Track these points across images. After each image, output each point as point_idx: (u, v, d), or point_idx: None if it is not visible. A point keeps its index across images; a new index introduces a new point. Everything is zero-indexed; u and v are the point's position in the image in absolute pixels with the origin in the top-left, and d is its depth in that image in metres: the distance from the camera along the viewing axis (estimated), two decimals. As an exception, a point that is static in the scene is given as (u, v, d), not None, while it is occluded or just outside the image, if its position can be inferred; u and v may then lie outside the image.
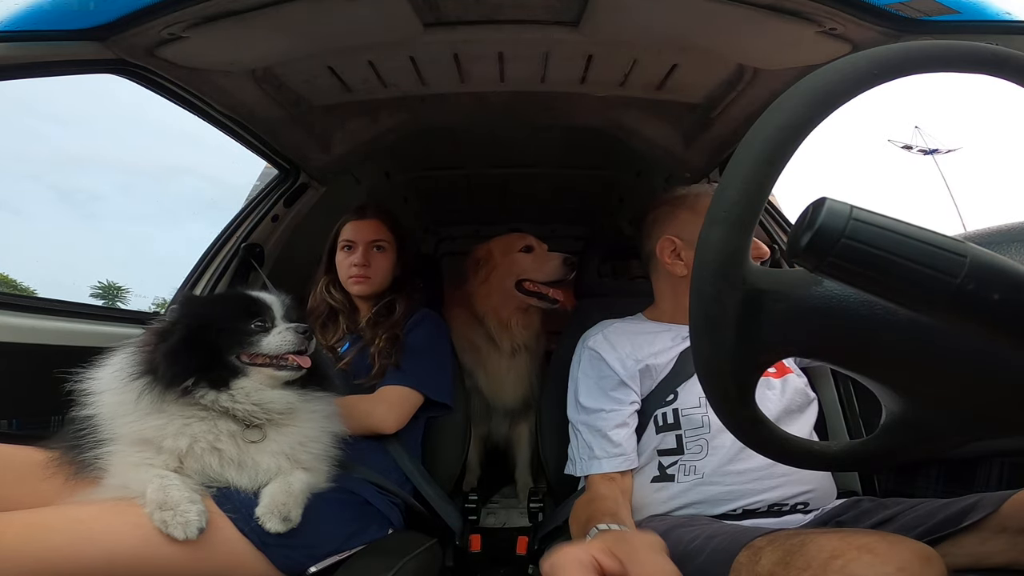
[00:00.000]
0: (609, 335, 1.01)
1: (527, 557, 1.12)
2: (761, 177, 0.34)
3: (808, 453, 0.43)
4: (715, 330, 0.37)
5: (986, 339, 0.31)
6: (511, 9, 0.93)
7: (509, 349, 1.43)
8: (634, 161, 1.71)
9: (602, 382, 0.96)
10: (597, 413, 0.94)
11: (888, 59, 0.34)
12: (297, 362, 0.81)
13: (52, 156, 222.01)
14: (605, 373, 0.97)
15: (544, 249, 1.44)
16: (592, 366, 0.99)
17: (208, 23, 0.87)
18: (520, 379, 1.47)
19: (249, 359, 0.80)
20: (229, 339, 0.80)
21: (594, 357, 0.99)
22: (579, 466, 0.94)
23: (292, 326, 0.82)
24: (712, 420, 0.89)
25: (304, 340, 0.82)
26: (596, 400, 0.95)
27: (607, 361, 0.97)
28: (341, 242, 1.24)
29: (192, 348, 0.77)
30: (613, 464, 0.90)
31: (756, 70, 1.06)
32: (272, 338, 0.81)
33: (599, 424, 0.93)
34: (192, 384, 0.75)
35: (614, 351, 0.98)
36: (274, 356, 0.81)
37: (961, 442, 0.42)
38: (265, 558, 0.75)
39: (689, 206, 1.01)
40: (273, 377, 0.81)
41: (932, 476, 0.97)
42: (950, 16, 0.81)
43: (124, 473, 0.73)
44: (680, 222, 1.00)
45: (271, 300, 0.86)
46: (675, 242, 0.99)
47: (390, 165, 1.80)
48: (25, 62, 0.83)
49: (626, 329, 1.02)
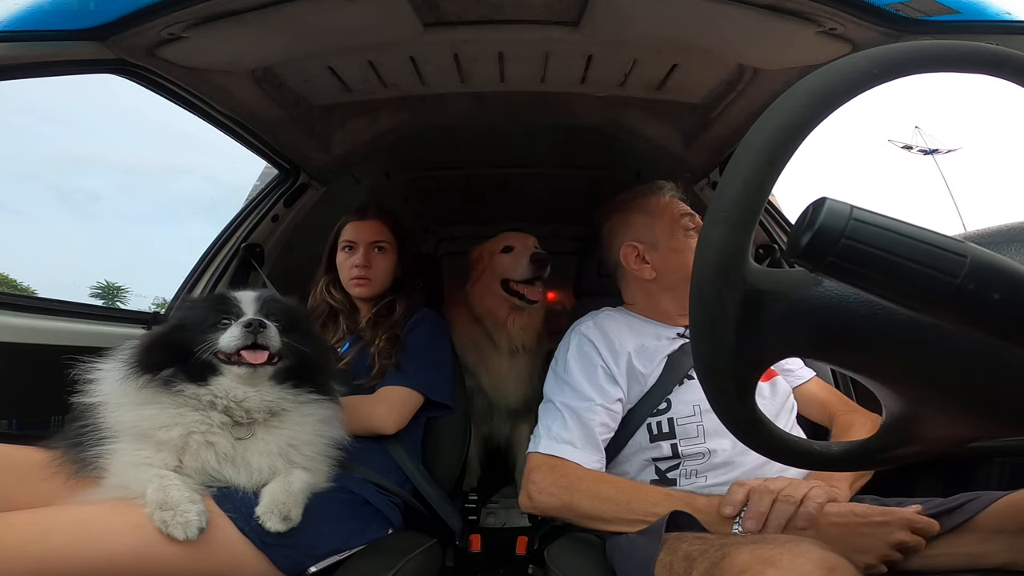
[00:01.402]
0: (600, 322, 1.00)
1: (527, 557, 1.12)
2: (761, 177, 0.34)
3: (808, 453, 0.43)
4: (715, 330, 0.37)
5: (986, 339, 0.31)
6: (511, 9, 0.94)
7: (507, 349, 1.43)
8: (634, 161, 1.70)
9: (592, 370, 0.94)
10: (586, 402, 0.91)
11: (888, 59, 0.34)
12: (247, 358, 0.78)
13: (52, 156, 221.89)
14: (595, 362, 0.95)
15: (527, 247, 1.42)
16: (582, 352, 0.97)
17: (208, 23, 0.87)
18: (522, 379, 1.47)
19: (226, 357, 0.79)
20: (197, 336, 0.80)
21: (584, 342, 0.97)
22: (545, 444, 0.89)
23: (241, 321, 0.80)
24: (707, 427, 0.88)
25: (248, 334, 0.78)
26: (583, 386, 0.92)
27: (598, 349, 0.95)
28: (342, 242, 1.23)
29: (168, 344, 0.80)
30: (585, 458, 0.87)
31: (756, 70, 1.06)
32: (224, 335, 0.79)
33: (585, 416, 0.90)
34: (171, 375, 0.77)
35: (604, 340, 0.96)
36: (229, 353, 0.79)
37: (961, 442, 0.42)
38: (265, 558, 0.75)
39: (640, 208, 1.04)
40: (238, 375, 0.79)
41: (932, 476, 0.97)
42: (950, 16, 0.81)
43: (124, 473, 0.73)
44: (636, 226, 1.03)
45: (244, 297, 0.85)
46: (637, 247, 1.01)
47: (390, 165, 1.80)
48: (25, 62, 0.83)
49: (615, 317, 1.02)
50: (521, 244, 1.43)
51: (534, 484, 0.86)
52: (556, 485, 0.84)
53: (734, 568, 0.51)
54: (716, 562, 0.54)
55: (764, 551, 0.50)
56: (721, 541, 0.58)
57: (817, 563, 0.48)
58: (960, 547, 0.69)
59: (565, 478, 0.84)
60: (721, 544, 0.56)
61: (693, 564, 0.57)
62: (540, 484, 0.86)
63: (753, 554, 0.51)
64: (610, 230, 1.07)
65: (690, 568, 0.57)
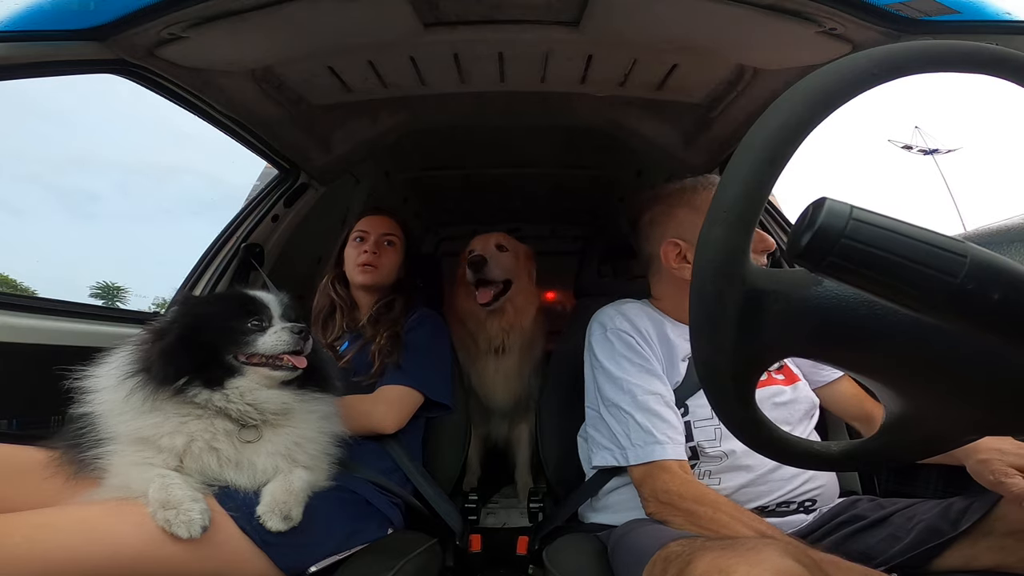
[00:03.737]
0: (627, 314, 0.95)
1: (527, 557, 1.12)
2: (761, 177, 0.34)
3: (808, 453, 0.43)
4: (715, 330, 0.37)
5: (986, 339, 0.31)
6: (511, 9, 0.94)
7: (489, 349, 1.42)
8: (634, 161, 1.71)
9: (640, 361, 0.89)
10: (650, 395, 0.85)
11: (888, 59, 0.34)
12: (292, 362, 0.81)
13: (51, 156, 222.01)
14: (644, 352, 0.90)
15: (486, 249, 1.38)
16: (624, 344, 0.91)
17: (208, 23, 0.87)
18: (509, 379, 1.46)
19: (246, 359, 0.80)
20: (225, 338, 0.79)
21: (622, 334, 0.92)
22: (633, 453, 0.83)
23: (288, 326, 0.82)
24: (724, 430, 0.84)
25: (300, 340, 0.81)
26: (641, 378, 0.87)
27: (637, 341, 0.91)
28: (354, 234, 1.26)
29: (189, 347, 0.77)
30: (679, 452, 0.82)
31: (756, 70, 1.06)
32: (268, 338, 0.80)
33: (653, 405, 0.84)
34: (185, 383, 0.75)
35: (637, 332, 0.92)
36: (270, 356, 0.80)
37: (961, 442, 0.42)
38: (266, 557, 0.75)
39: (687, 203, 0.94)
40: (269, 377, 0.80)
41: (932, 476, 0.97)
42: (950, 16, 0.81)
43: (126, 473, 0.73)
44: (680, 222, 0.94)
45: (269, 299, 0.86)
46: (680, 245, 0.92)
47: (390, 165, 1.81)
48: (25, 62, 0.83)
49: (639, 311, 0.97)
50: (482, 244, 1.40)
51: (648, 503, 0.82)
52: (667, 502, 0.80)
53: (695, 574, 0.51)
54: (683, 568, 0.54)
55: (723, 559, 0.51)
56: (699, 544, 0.58)
57: (772, 573, 0.47)
58: (954, 549, 0.70)
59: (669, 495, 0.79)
60: (695, 547, 0.56)
61: (668, 566, 0.57)
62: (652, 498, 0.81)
63: (712, 562, 0.51)
64: (651, 220, 0.99)
65: (665, 570, 0.58)
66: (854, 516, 0.81)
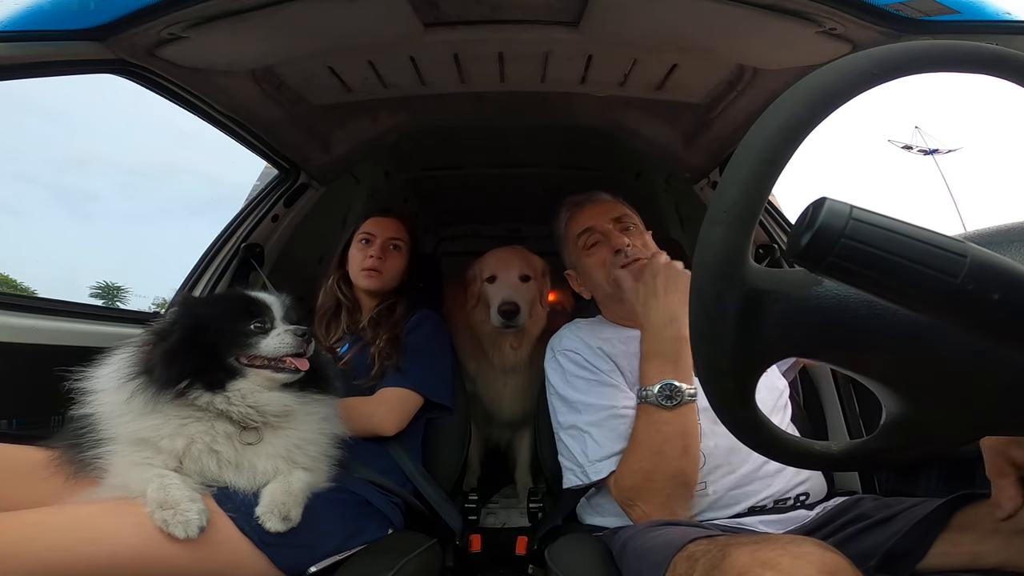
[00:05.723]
0: (576, 334, 1.00)
1: (527, 557, 1.12)
2: (761, 177, 0.34)
3: (808, 453, 0.43)
4: (715, 330, 0.37)
5: (986, 339, 0.31)
6: (511, 9, 0.93)
7: (502, 367, 1.41)
8: (634, 161, 1.70)
9: (592, 375, 0.92)
10: (604, 410, 0.89)
11: (888, 59, 0.34)
12: (295, 365, 0.81)
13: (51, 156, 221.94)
14: (594, 367, 0.93)
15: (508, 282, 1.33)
16: (572, 363, 0.95)
17: (208, 23, 0.87)
18: (517, 394, 1.44)
19: (248, 361, 0.80)
20: (227, 340, 0.79)
21: (568, 353, 0.97)
22: (593, 469, 0.87)
23: (291, 328, 0.82)
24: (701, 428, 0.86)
25: (302, 343, 0.81)
26: (594, 394, 0.91)
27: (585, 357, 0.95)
28: (359, 235, 1.25)
29: (190, 349, 0.77)
30: None
31: (756, 70, 1.06)
32: (270, 340, 0.80)
33: (607, 420, 0.87)
34: (187, 386, 0.75)
35: (588, 349, 0.96)
36: (272, 358, 0.80)
37: (961, 442, 0.42)
38: (265, 557, 0.75)
39: (563, 235, 1.08)
40: (271, 379, 0.80)
41: (932, 476, 0.96)
42: (950, 16, 0.81)
43: (124, 473, 0.73)
44: (565, 252, 1.08)
45: (271, 301, 0.86)
46: (571, 274, 1.08)
47: (390, 165, 1.81)
48: (25, 62, 0.83)
49: (594, 327, 1.02)
50: (504, 272, 1.34)
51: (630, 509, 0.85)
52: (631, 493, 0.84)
53: (734, 570, 0.50)
54: (716, 563, 0.53)
55: (764, 553, 0.50)
56: (725, 541, 0.58)
57: (818, 566, 0.47)
58: (958, 546, 0.69)
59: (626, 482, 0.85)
60: (724, 544, 0.56)
61: (695, 564, 0.57)
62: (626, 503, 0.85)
63: (753, 556, 0.50)
64: (560, 241, 1.12)
65: (692, 568, 0.57)
66: (859, 515, 0.81)
